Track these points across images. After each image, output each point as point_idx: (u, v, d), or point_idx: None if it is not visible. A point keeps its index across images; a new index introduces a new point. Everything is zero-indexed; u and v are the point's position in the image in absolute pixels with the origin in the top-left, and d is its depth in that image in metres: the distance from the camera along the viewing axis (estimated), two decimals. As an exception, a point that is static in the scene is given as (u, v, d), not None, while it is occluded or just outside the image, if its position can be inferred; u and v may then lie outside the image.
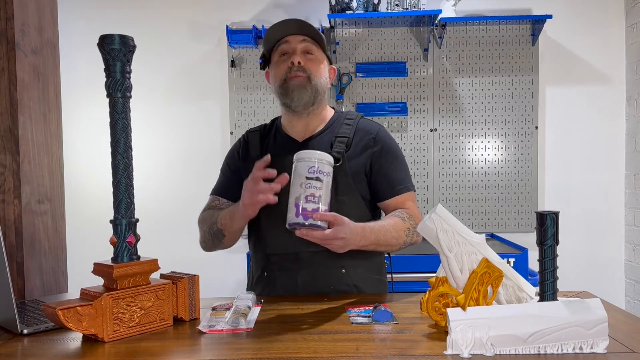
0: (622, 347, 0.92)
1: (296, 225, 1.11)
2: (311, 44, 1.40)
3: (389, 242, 1.32)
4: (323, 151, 1.33)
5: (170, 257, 1.63)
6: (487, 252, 1.01)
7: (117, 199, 1.06)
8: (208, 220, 1.42)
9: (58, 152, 1.56)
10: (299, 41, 1.40)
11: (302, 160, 1.13)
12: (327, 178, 1.13)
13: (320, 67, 1.42)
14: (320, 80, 1.40)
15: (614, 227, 3.08)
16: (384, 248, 1.35)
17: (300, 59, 1.37)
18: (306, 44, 1.40)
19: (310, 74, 1.38)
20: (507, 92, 3.05)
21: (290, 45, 1.40)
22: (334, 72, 1.50)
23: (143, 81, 2.73)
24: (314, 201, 1.10)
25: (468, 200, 3.07)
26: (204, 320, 1.12)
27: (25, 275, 1.42)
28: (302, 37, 1.40)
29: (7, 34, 1.41)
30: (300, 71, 1.37)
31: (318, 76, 1.40)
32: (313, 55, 1.40)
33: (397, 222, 1.35)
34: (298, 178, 1.12)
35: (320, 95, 1.41)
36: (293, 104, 1.39)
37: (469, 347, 0.88)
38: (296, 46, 1.39)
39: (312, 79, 1.38)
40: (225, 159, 1.55)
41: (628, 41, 3.01)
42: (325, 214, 1.12)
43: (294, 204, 1.11)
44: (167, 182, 3.14)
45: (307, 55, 1.40)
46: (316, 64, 1.40)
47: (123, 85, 1.05)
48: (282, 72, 1.39)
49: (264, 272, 1.43)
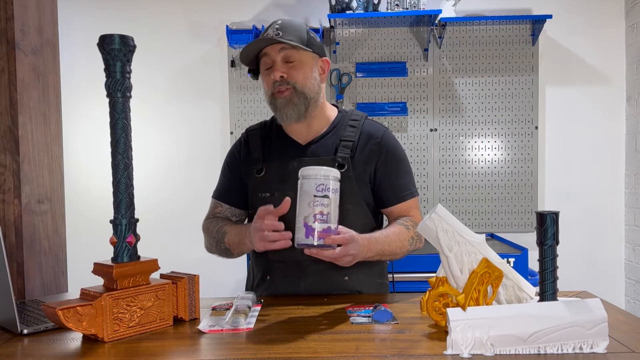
0: (622, 347, 0.92)
1: (306, 245, 1.10)
2: (290, 49, 1.31)
3: (393, 251, 1.32)
4: (327, 156, 1.33)
5: (170, 257, 1.62)
6: (487, 252, 1.01)
7: (117, 199, 1.06)
8: (214, 235, 1.41)
9: (58, 152, 1.56)
10: (277, 51, 1.32)
11: (309, 178, 1.10)
12: (335, 194, 1.12)
13: (306, 71, 1.34)
14: (308, 86, 1.34)
15: (614, 227, 3.08)
16: (389, 257, 1.35)
17: (281, 73, 1.31)
18: (284, 52, 1.32)
19: (295, 84, 1.32)
20: (507, 92, 3.05)
21: (269, 57, 1.33)
22: (327, 64, 1.41)
23: (143, 81, 2.73)
24: (322, 220, 1.09)
25: (468, 200, 3.07)
26: (204, 320, 1.12)
27: (25, 275, 1.42)
28: (280, 45, 1.31)
29: (7, 34, 1.41)
30: (284, 85, 1.32)
31: (304, 83, 1.33)
32: (295, 62, 1.32)
33: (402, 230, 1.34)
34: (305, 196, 1.10)
35: (312, 100, 1.35)
36: (284, 121, 1.37)
37: (469, 347, 0.88)
38: (276, 58, 1.32)
39: (298, 88, 1.32)
40: (225, 160, 1.51)
41: (628, 41, 3.01)
42: (336, 238, 1.12)
43: (302, 223, 1.09)
44: (167, 182, 3.14)
45: (288, 65, 1.32)
46: (299, 70, 1.33)
47: (123, 85, 1.05)
48: (268, 87, 1.35)
49: (265, 275, 1.42)
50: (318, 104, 1.39)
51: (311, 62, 1.36)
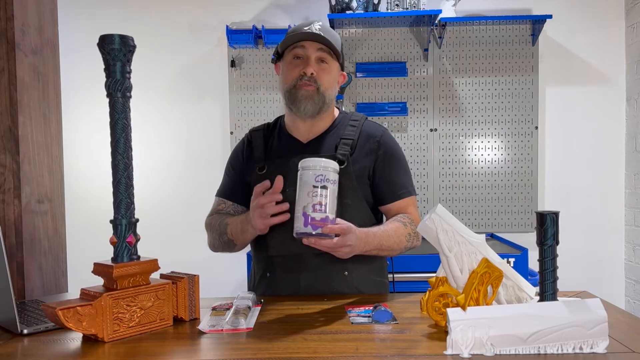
0: (622, 347, 0.92)
1: (304, 234, 1.12)
2: (327, 52, 1.39)
3: (390, 246, 1.34)
4: (327, 153, 1.34)
5: (170, 257, 1.62)
6: (487, 252, 1.01)
7: (117, 199, 1.06)
8: (217, 228, 1.42)
9: (58, 152, 1.56)
10: (316, 49, 1.38)
11: (308, 169, 1.12)
12: (334, 186, 1.13)
13: (332, 77, 1.41)
14: (329, 91, 1.40)
15: (614, 227, 3.08)
16: (386, 253, 1.36)
17: (313, 70, 1.36)
18: (321, 53, 1.38)
19: (319, 85, 1.37)
20: (507, 92, 3.05)
21: (305, 51, 1.38)
22: (343, 78, 1.50)
23: (143, 81, 2.74)
24: (321, 210, 1.10)
25: (468, 200, 3.07)
26: (204, 320, 1.12)
27: (25, 275, 1.42)
28: (319, 45, 1.38)
29: (7, 34, 1.41)
30: (310, 81, 1.36)
31: (328, 87, 1.39)
32: (327, 65, 1.39)
33: (399, 227, 1.36)
34: (305, 186, 1.12)
35: (327, 104, 1.41)
36: (299, 113, 1.40)
37: (469, 347, 0.88)
38: (311, 55, 1.38)
39: (321, 90, 1.38)
40: (229, 160, 1.55)
41: (628, 41, 3.01)
42: (334, 227, 1.13)
43: (301, 212, 1.11)
44: (167, 182, 3.14)
45: (320, 64, 1.39)
46: (328, 74, 1.39)
47: (123, 85, 1.05)
48: (292, 78, 1.38)
49: (266, 272, 1.43)
50: (330, 109, 1.45)
51: (336, 70, 1.44)
